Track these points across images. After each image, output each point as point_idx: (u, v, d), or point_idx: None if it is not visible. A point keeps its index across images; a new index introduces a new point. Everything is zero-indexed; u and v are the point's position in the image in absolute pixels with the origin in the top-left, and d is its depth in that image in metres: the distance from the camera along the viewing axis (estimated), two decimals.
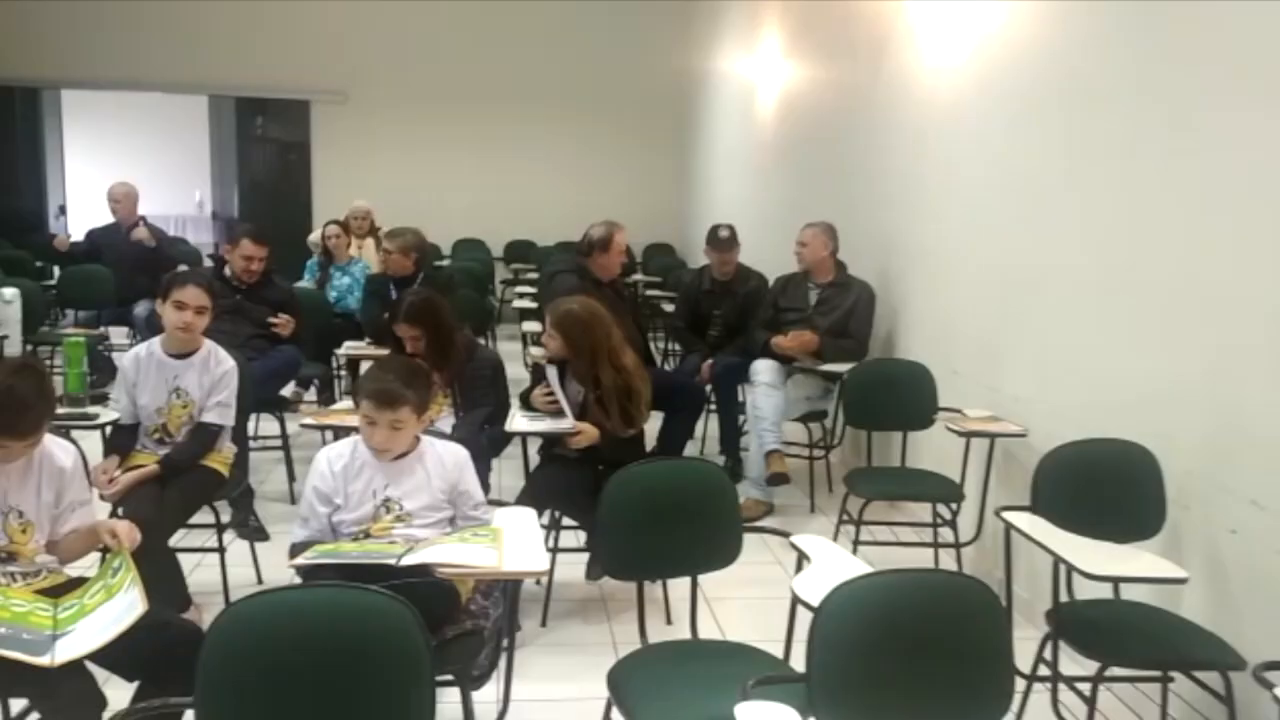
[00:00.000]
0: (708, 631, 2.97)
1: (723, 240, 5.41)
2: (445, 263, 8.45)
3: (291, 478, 4.76)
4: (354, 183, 8.83)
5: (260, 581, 3.73)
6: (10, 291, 5.48)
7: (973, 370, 4.11)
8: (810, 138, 6.39)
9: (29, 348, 5.71)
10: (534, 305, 6.73)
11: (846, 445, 4.95)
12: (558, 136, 9.85)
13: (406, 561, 2.25)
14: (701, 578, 2.58)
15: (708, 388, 5.10)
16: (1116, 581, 2.73)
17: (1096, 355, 3.31)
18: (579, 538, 3.81)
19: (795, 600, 2.26)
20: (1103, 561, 2.40)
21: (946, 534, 3.90)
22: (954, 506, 3.83)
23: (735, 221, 5.58)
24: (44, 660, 2.06)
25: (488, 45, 9.63)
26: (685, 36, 9.46)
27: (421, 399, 2.61)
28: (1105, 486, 2.82)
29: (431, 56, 9.59)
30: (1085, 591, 2.73)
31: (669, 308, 6.71)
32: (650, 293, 8.09)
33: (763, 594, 3.67)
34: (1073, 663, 2.66)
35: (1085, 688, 2.60)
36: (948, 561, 3.87)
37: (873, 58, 5.23)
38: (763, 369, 4.66)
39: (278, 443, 4.76)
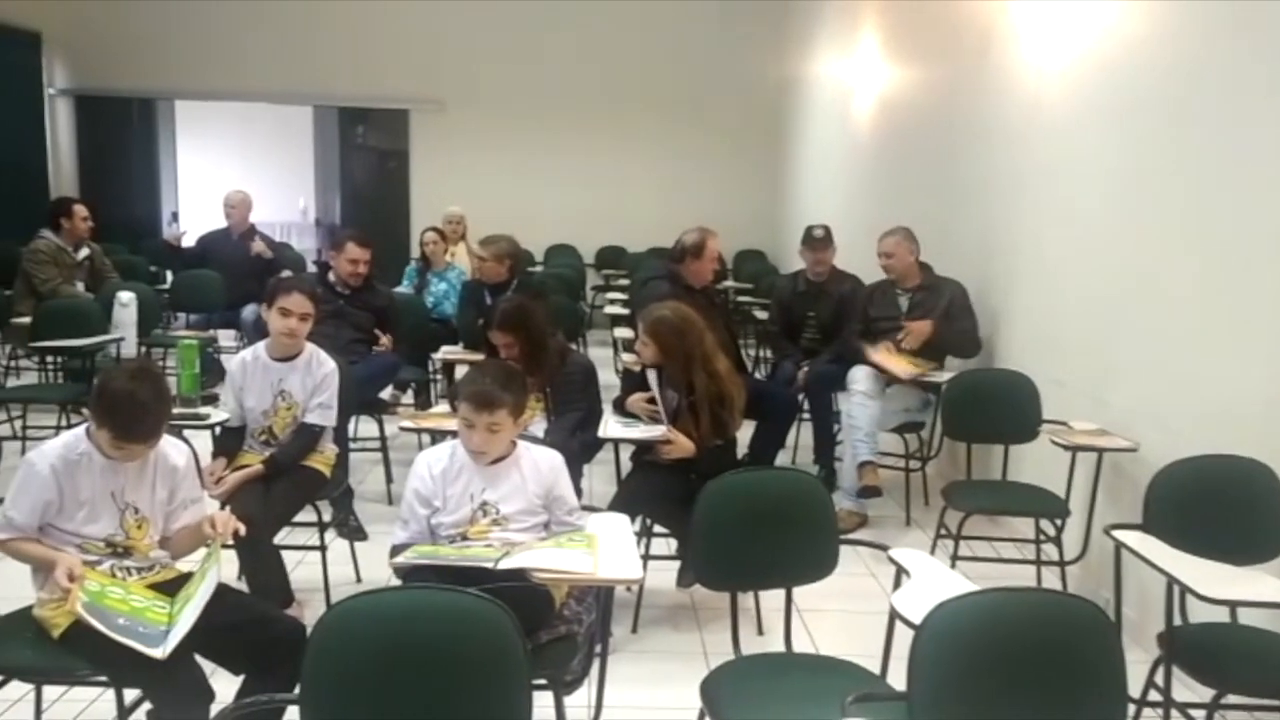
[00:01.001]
0: (800, 644, 2.93)
1: (817, 240, 5.36)
2: (537, 269, 8.55)
3: (389, 479, 4.86)
4: (449, 189, 8.99)
5: (359, 580, 3.82)
6: (127, 295, 5.72)
7: (1079, 381, 3.97)
8: (908, 140, 6.27)
9: (143, 349, 5.96)
10: (625, 311, 6.76)
11: (943, 457, 4.83)
12: (650, 143, 9.88)
13: (504, 565, 2.27)
14: (795, 589, 2.55)
15: (801, 396, 5.04)
16: (1234, 605, 2.60)
17: (1212, 366, 3.17)
18: (670, 545, 3.80)
19: (894, 616, 2.21)
20: (1220, 584, 2.29)
21: (1050, 551, 3.77)
22: (1058, 523, 3.70)
23: (831, 225, 5.51)
24: (157, 653, 2.14)
25: (581, 54, 9.72)
26: (779, 41, 9.40)
27: (518, 402, 2.64)
28: (1222, 505, 2.70)
29: (526, 65, 9.72)
30: (1199, 615, 2.61)
31: (761, 314, 6.66)
32: (741, 299, 8.05)
33: (856, 607, 3.61)
34: (1185, 689, 2.55)
35: (1200, 715, 2.49)
36: (1051, 580, 3.74)
37: (974, 58, 5.11)
38: (859, 378, 4.58)
39: (376, 444, 4.86)
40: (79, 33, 9.43)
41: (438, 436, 3.76)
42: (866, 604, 3.65)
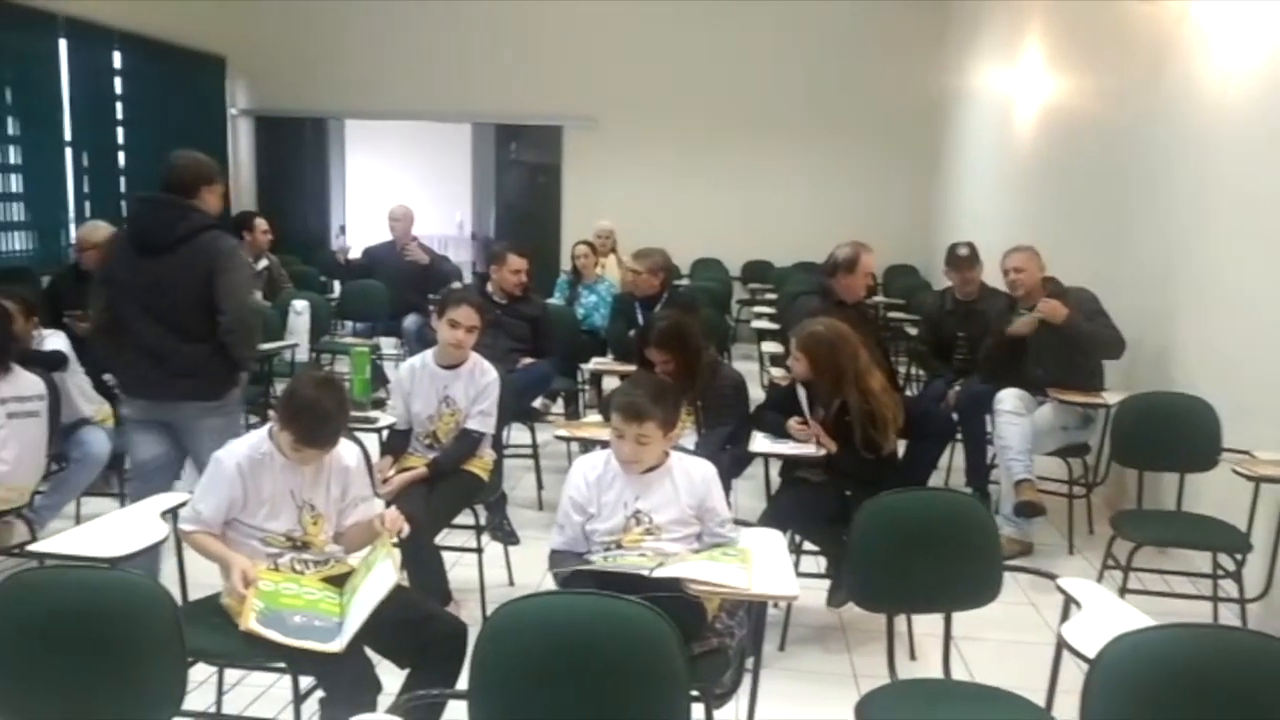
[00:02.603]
0: (956, 672, 2.84)
1: (960, 259, 5.20)
2: (684, 282, 8.60)
3: (540, 485, 4.97)
4: (599, 203, 9.17)
5: (512, 583, 3.92)
6: (301, 304, 6.05)
7: (1267, 408, 3.71)
8: (1075, 152, 6.01)
9: (314, 355, 6.29)
10: (773, 326, 6.73)
11: (1110, 484, 4.60)
12: (799, 155, 9.81)
13: (659, 574, 2.29)
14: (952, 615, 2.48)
15: (953, 415, 4.89)
16: None
17: None
18: (819, 563, 3.75)
19: (1062, 647, 2.12)
20: None
21: (1228, 588, 3.53)
22: (1239, 558, 3.46)
23: (986, 242, 5.34)
24: (332, 647, 2.26)
25: (732, 68, 9.74)
26: (936, 50, 9.19)
27: (668, 416, 2.65)
28: None
29: (676, 81, 9.81)
30: None
31: (913, 330, 6.51)
32: (892, 315, 7.88)
33: (1015, 636, 3.48)
34: None
35: None
36: (1228, 617, 3.51)
37: (1150, 65, 4.86)
38: (1005, 397, 4.42)
39: (528, 451, 4.99)
40: (259, 58, 10.06)
41: (588, 445, 3.85)
42: (1026, 634, 3.52)
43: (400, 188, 10.18)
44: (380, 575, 2.42)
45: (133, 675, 1.88)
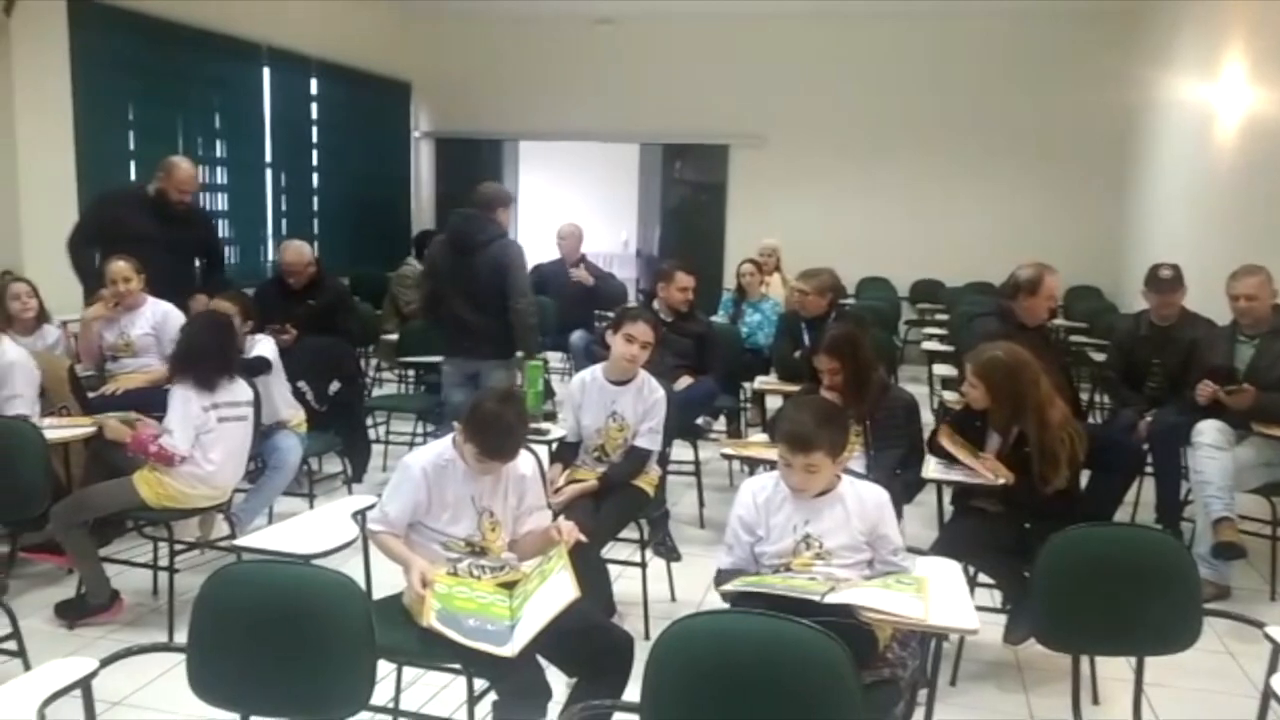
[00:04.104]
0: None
1: (1163, 281, 4.88)
2: (849, 301, 8.45)
3: (701, 503, 4.98)
4: (764, 221, 9.14)
5: (674, 599, 3.94)
6: None
7: None
8: None
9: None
10: (943, 348, 6.52)
11: None
12: (972, 172, 9.51)
13: (830, 600, 2.25)
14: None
15: (1144, 447, 4.61)
16: None
17: None
18: (993, 596, 3.60)
19: (1269, 700, 1.96)
20: None
21: None
22: None
23: (1180, 262, 5.01)
24: (506, 651, 2.32)
25: (901, 85, 9.54)
26: (1122, 66, 8.69)
27: (835, 441, 2.59)
28: None
29: (844, 99, 9.69)
30: None
31: (1097, 356, 6.18)
32: (1075, 339, 7.50)
33: (1209, 686, 3.25)
34: None
35: None
36: None
37: None
38: (1206, 429, 4.12)
39: (690, 468, 5.00)
40: (441, 83, 10.56)
41: (753, 465, 3.83)
42: (1222, 683, 3.28)
43: (569, 206, 10.45)
44: (558, 585, 2.46)
45: (328, 668, 1.99)
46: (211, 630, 2.03)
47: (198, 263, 5.62)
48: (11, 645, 2.97)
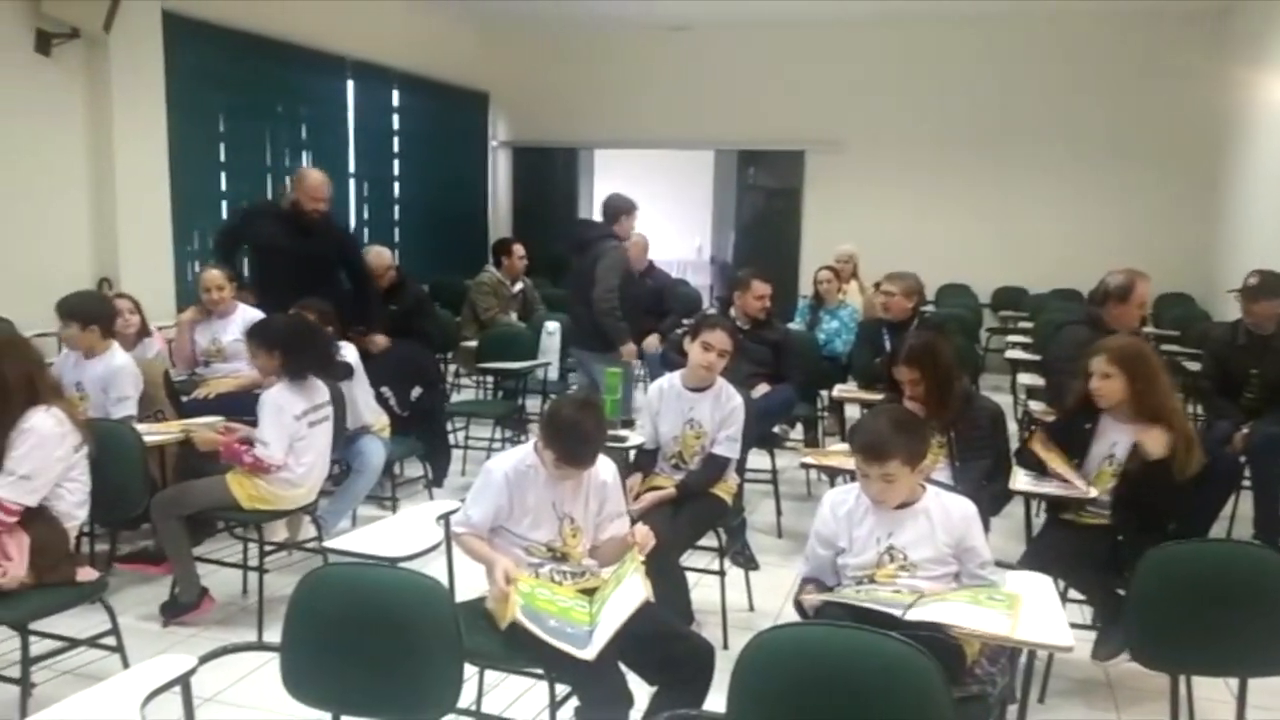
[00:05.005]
0: None
1: (1250, 289, 4.72)
2: (928, 308, 8.30)
3: (779, 512, 4.94)
4: (840, 227, 9.02)
5: (752, 608, 3.91)
6: (553, 324, 6.35)
7: None
8: None
9: (563, 373, 6.58)
10: (1028, 356, 6.37)
11: None
12: (1056, 177, 9.27)
13: (913, 616, 2.21)
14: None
15: (1240, 460, 4.44)
16: None
17: None
18: (1083, 612, 3.50)
19: None
20: None
21: None
22: None
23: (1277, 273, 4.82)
24: (585, 654, 2.33)
25: (981, 87, 9.36)
26: (1214, 69, 8.40)
27: (913, 449, 2.53)
28: None
29: (922, 102, 9.54)
30: None
31: (1191, 366, 5.97)
32: (1166, 348, 7.25)
33: None
34: None
35: None
36: None
37: None
38: None
39: (767, 477, 4.97)
40: (518, 93, 10.68)
41: (832, 475, 3.77)
42: None
43: (643, 214, 10.45)
44: (630, 588, 2.48)
45: (417, 669, 2.03)
46: (305, 631, 2.07)
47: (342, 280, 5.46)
48: (110, 641, 3.08)
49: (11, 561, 2.79)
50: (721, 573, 3.67)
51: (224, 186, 7.21)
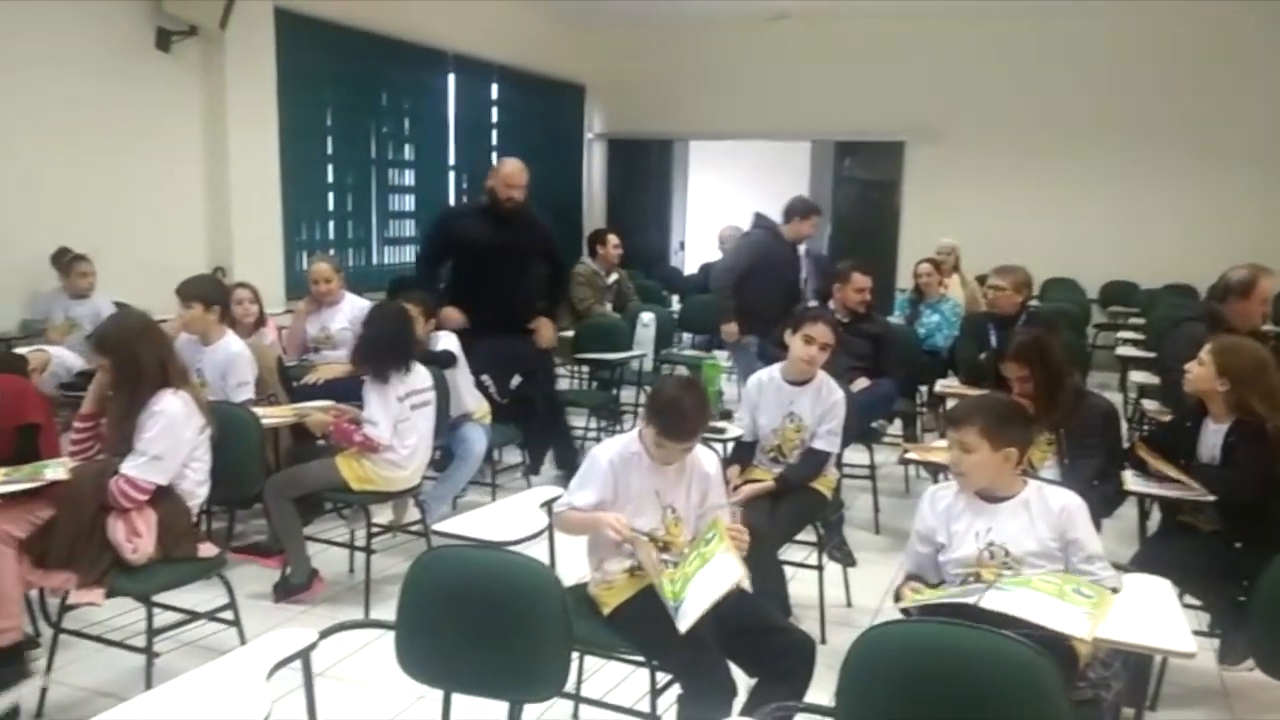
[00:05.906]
0: None
1: None
2: (1033, 303, 8.07)
3: (876, 508, 4.88)
4: (940, 220, 8.86)
5: (849, 604, 3.88)
6: (648, 316, 6.39)
7: None
8: None
9: (657, 365, 6.60)
10: (1141, 354, 6.15)
11: None
12: (1168, 168, 8.92)
13: (988, 602, 2.16)
14: None
15: None
16: None
17: None
18: (1198, 619, 3.36)
19: None
20: None
21: None
22: None
23: None
24: (680, 624, 2.32)
25: (1087, 77, 9.05)
26: None
27: (994, 427, 2.49)
28: None
29: (1027, 92, 9.26)
30: None
31: None
32: None
33: None
34: None
35: None
36: None
37: None
38: None
39: (866, 472, 4.91)
40: (614, 85, 10.72)
41: (934, 471, 3.70)
42: None
43: (738, 206, 10.40)
44: (721, 566, 2.44)
45: (527, 650, 2.07)
46: (418, 610, 2.13)
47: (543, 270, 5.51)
48: (228, 615, 3.21)
49: (141, 538, 2.93)
50: (820, 567, 3.64)
51: (330, 179, 7.42)
